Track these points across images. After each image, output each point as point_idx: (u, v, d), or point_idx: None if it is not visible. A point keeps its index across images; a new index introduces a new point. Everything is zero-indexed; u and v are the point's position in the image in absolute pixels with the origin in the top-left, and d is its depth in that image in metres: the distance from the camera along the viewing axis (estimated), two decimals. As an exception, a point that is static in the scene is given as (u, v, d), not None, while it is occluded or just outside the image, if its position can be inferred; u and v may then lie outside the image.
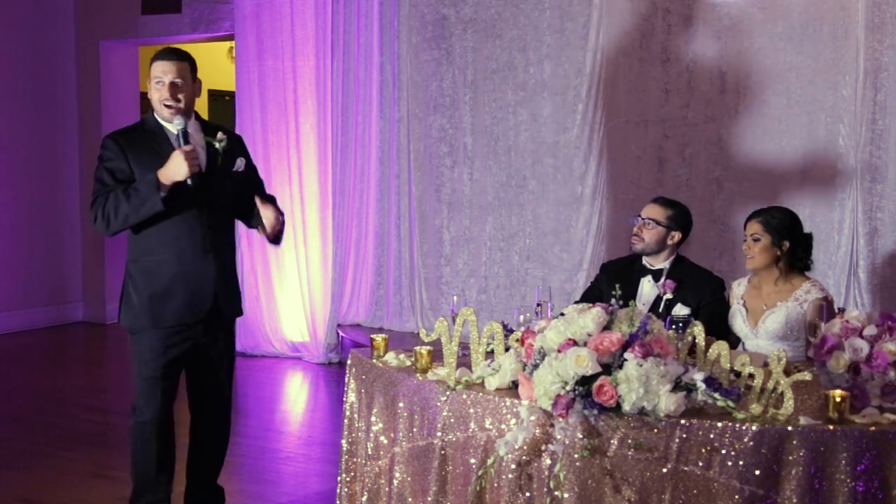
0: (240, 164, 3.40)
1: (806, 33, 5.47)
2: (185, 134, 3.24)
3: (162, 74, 3.25)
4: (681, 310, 3.64)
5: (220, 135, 3.34)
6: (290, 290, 6.99)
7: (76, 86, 8.27)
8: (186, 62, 3.30)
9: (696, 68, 5.74)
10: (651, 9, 5.84)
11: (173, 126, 3.24)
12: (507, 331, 2.90)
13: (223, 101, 9.89)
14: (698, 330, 2.70)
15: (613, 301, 2.58)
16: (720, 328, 3.61)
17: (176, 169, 3.16)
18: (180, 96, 3.26)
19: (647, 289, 3.85)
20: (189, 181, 3.19)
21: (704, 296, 3.75)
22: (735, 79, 5.65)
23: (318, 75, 6.82)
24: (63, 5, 8.15)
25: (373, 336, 3.16)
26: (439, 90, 6.58)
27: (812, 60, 5.47)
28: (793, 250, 3.62)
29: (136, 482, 3.43)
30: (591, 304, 2.56)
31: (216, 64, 9.89)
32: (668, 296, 3.75)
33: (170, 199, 3.19)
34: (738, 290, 3.76)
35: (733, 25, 5.63)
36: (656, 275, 3.85)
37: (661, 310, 3.70)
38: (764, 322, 3.59)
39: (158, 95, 3.26)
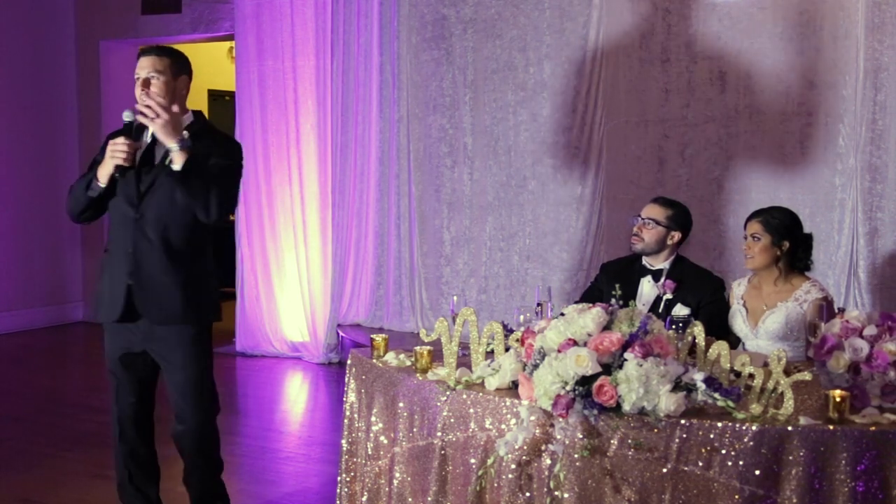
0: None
1: (806, 33, 5.46)
2: (128, 126, 3.17)
3: (139, 70, 3.19)
4: (681, 310, 3.65)
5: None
6: (290, 290, 7.00)
7: (76, 86, 8.27)
8: (166, 57, 3.20)
9: (696, 68, 5.74)
10: (651, 9, 5.84)
11: (125, 116, 3.18)
12: (507, 331, 2.90)
13: (223, 101, 9.89)
14: (698, 330, 2.70)
15: (613, 301, 2.58)
16: (720, 328, 3.61)
17: (104, 160, 3.14)
18: (153, 90, 3.16)
19: (647, 289, 3.85)
20: (116, 175, 3.14)
21: (704, 296, 3.75)
22: (735, 79, 5.65)
23: (318, 75, 6.83)
24: (63, 5, 8.15)
25: (373, 336, 3.16)
26: (439, 90, 6.58)
27: (812, 60, 5.47)
28: (793, 250, 3.62)
29: (116, 476, 3.47)
30: (591, 304, 2.56)
31: (216, 64, 9.89)
32: (668, 296, 3.75)
33: (106, 191, 3.16)
34: (738, 290, 3.76)
35: (733, 25, 5.63)
36: (656, 275, 3.85)
37: (661, 310, 3.70)
38: (764, 322, 3.59)
39: (136, 92, 3.19)
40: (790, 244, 3.61)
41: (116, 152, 3.10)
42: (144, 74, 3.16)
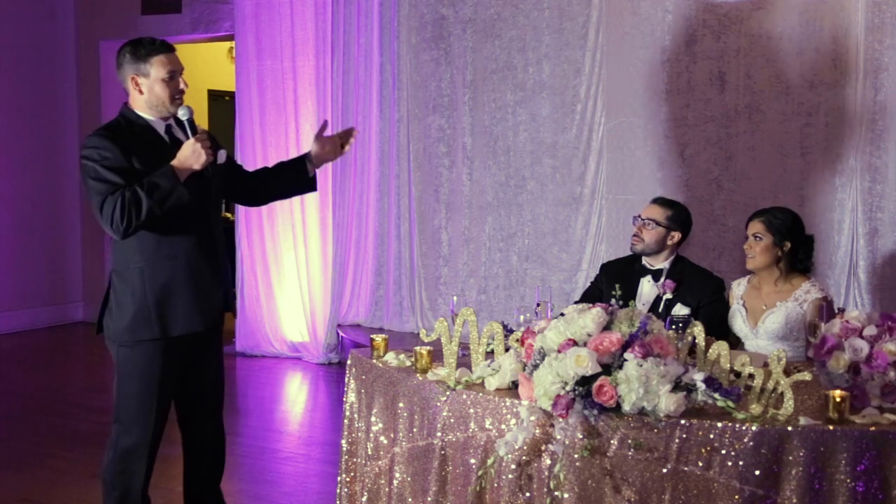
0: (221, 156, 3.19)
1: (806, 33, 5.46)
2: (191, 123, 3.07)
3: (176, 66, 3.09)
4: (681, 310, 3.65)
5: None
6: (290, 290, 7.00)
7: (76, 86, 8.27)
8: None
9: (696, 68, 5.74)
10: (651, 9, 5.84)
11: (182, 114, 3.07)
12: (507, 331, 2.90)
13: (223, 101, 9.87)
14: (698, 330, 2.70)
15: (613, 301, 2.58)
16: (720, 328, 3.61)
17: (194, 158, 2.98)
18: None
19: (647, 289, 3.85)
20: (209, 168, 3.05)
21: (704, 296, 3.75)
22: (735, 79, 5.65)
23: (318, 75, 6.82)
24: (63, 5, 8.15)
25: (373, 336, 3.16)
26: (438, 90, 6.58)
27: (812, 60, 5.47)
28: (794, 251, 3.62)
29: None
30: (590, 305, 2.56)
31: (216, 64, 9.88)
32: (668, 296, 3.76)
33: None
34: (737, 290, 3.76)
35: (733, 25, 5.63)
36: (656, 275, 3.85)
37: (660, 310, 3.70)
38: (764, 322, 3.59)
39: (171, 89, 3.07)
40: (792, 245, 3.61)
41: (205, 150, 2.99)
42: (181, 70, 3.12)
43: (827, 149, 5.47)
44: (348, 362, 3.24)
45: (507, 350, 2.77)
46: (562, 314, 2.56)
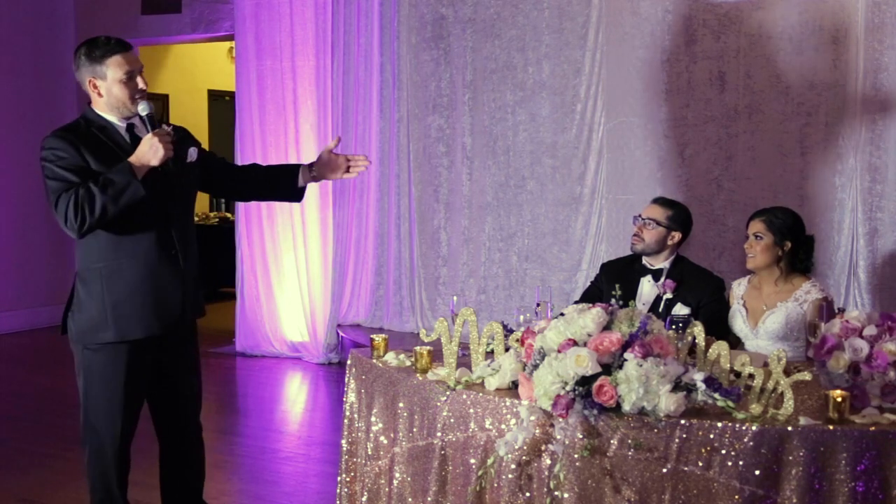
0: (192, 153, 3.13)
1: (806, 33, 5.47)
2: (151, 118, 2.99)
3: (133, 65, 2.97)
4: (681, 310, 3.65)
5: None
6: (290, 290, 7.00)
7: (76, 87, 8.26)
8: None
9: (696, 68, 5.74)
10: (651, 9, 5.84)
11: (141, 110, 2.97)
12: (507, 331, 2.90)
13: (223, 101, 9.86)
14: (698, 330, 2.70)
15: (613, 301, 2.58)
16: (720, 328, 3.61)
17: (152, 153, 2.88)
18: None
19: (647, 289, 3.85)
20: (169, 164, 2.95)
21: (704, 296, 3.75)
22: (735, 79, 5.65)
23: (318, 75, 6.83)
24: (63, 5, 8.15)
25: (373, 336, 3.16)
26: (438, 90, 6.58)
27: (812, 60, 5.47)
28: (794, 251, 3.62)
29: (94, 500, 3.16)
30: (591, 304, 2.56)
31: (216, 64, 9.87)
32: (668, 295, 3.76)
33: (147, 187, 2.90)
34: (738, 290, 3.76)
35: (733, 25, 5.63)
36: (656, 275, 3.85)
37: (660, 310, 3.71)
38: (764, 322, 3.59)
39: (130, 90, 2.97)
40: (792, 245, 3.61)
41: (164, 145, 2.89)
42: (140, 68, 3.03)
43: (827, 149, 5.47)
44: (348, 362, 3.25)
45: (507, 350, 2.77)
46: (562, 314, 2.56)
